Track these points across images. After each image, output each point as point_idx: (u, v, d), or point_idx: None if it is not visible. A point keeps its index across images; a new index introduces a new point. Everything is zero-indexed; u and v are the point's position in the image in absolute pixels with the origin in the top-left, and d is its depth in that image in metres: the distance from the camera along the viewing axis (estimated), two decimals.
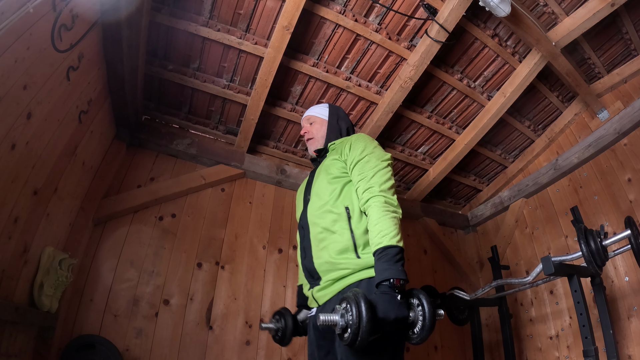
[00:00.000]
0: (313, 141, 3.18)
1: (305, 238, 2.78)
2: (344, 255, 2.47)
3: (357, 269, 2.41)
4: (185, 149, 4.40)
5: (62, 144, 2.88)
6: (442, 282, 5.47)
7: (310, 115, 3.29)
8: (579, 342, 4.14)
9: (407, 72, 3.98)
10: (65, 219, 3.24)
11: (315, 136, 3.18)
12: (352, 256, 2.46)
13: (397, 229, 2.30)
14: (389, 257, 2.20)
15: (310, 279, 2.70)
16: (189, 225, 4.22)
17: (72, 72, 2.73)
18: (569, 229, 4.66)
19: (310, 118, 3.27)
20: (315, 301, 2.65)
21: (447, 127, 4.91)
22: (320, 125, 3.20)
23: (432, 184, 5.45)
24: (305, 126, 3.28)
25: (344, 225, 2.56)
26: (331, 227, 2.58)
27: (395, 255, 2.20)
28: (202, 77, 4.06)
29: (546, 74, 4.46)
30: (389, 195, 2.46)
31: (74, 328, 3.34)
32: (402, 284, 2.12)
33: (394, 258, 2.19)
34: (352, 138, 2.87)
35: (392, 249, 2.22)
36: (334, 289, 2.49)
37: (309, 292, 2.72)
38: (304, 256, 2.76)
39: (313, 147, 3.18)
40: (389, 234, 2.26)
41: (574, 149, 4.70)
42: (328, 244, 2.56)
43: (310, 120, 3.26)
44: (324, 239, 2.60)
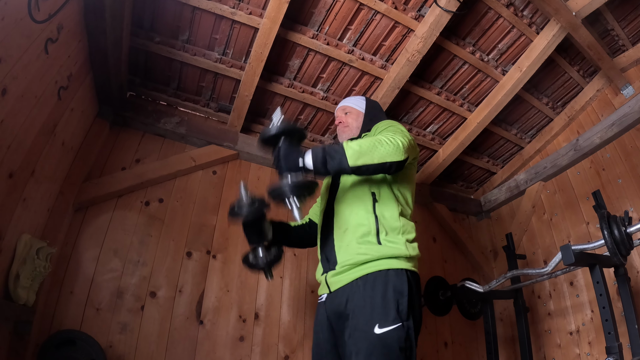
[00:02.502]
0: (347, 129, 3.26)
1: (328, 223, 2.86)
2: (365, 239, 2.56)
3: (377, 257, 2.48)
4: (173, 128, 4.40)
5: (39, 122, 2.88)
6: (453, 273, 5.49)
7: (347, 105, 3.38)
8: (601, 338, 4.11)
9: (414, 45, 3.98)
10: (44, 204, 3.25)
11: (349, 125, 3.26)
12: (373, 240, 2.54)
13: (365, 151, 2.40)
14: (331, 148, 2.41)
15: (325, 264, 2.77)
16: (178, 211, 4.23)
17: (51, 44, 2.73)
18: (590, 215, 4.65)
19: (346, 108, 3.36)
20: (327, 287, 2.72)
21: (458, 104, 4.91)
22: (357, 116, 3.29)
23: (442, 166, 5.46)
24: (340, 116, 3.36)
25: (369, 209, 2.66)
26: (356, 213, 2.68)
27: (335, 151, 2.38)
28: (192, 50, 4.05)
29: (566, 47, 4.44)
30: (398, 138, 2.51)
31: (52, 323, 3.34)
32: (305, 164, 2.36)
33: (332, 150, 2.39)
34: (379, 124, 2.98)
35: (340, 148, 2.40)
36: (350, 276, 2.56)
37: (322, 277, 2.79)
38: (325, 241, 2.84)
39: (346, 135, 3.25)
40: (356, 148, 2.39)
41: (595, 128, 4.69)
42: (350, 227, 2.66)
43: (346, 111, 3.35)
44: (347, 223, 2.69)
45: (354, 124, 3.25)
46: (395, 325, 2.28)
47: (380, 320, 2.30)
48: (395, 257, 2.49)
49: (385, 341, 2.25)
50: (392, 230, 2.58)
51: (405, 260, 2.53)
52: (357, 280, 2.51)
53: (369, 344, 2.27)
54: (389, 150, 2.41)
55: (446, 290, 4.73)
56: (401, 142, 2.47)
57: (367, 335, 2.30)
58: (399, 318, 2.31)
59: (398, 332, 2.28)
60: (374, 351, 2.25)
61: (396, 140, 2.46)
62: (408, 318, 2.36)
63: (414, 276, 2.56)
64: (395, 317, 2.31)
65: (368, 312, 2.36)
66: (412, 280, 2.51)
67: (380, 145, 2.41)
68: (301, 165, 2.34)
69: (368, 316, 2.35)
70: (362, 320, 2.35)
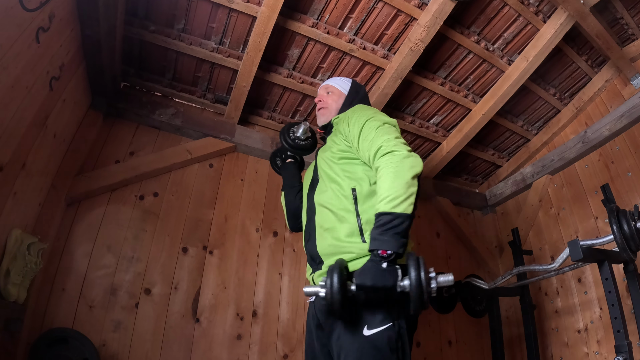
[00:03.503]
0: (325, 111, 3.22)
1: (310, 220, 2.83)
2: (349, 238, 2.51)
3: (362, 254, 2.43)
4: (168, 120, 4.40)
5: (30, 114, 2.87)
6: (457, 269, 5.49)
7: (330, 84, 3.33)
8: (610, 337, 4.12)
9: (417, 34, 3.97)
10: (35, 198, 3.26)
11: (328, 107, 3.22)
12: (357, 240, 2.49)
13: (396, 190, 2.28)
14: (379, 225, 2.23)
15: (312, 264, 2.76)
16: (173, 205, 4.23)
17: (42, 33, 2.73)
18: (599, 209, 4.66)
19: (329, 87, 3.31)
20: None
21: (463, 95, 4.91)
22: (338, 97, 3.24)
23: (446, 159, 5.47)
24: (320, 94, 3.32)
25: (350, 207, 2.60)
26: (337, 210, 2.63)
27: (386, 224, 2.21)
28: (188, 39, 4.05)
29: (573, 36, 4.44)
30: (399, 148, 2.44)
31: (44, 320, 3.34)
32: (389, 254, 2.15)
33: (385, 226, 2.21)
34: (348, 113, 2.91)
35: (385, 216, 2.23)
36: None
37: (310, 277, 2.78)
38: (308, 239, 2.82)
39: (323, 118, 3.23)
40: (386, 197, 2.27)
41: (604, 120, 4.69)
42: (332, 226, 2.61)
43: (328, 90, 3.30)
44: (329, 222, 2.64)
45: (333, 106, 3.20)
46: (384, 325, 2.25)
47: (368, 322, 2.28)
48: None
49: (374, 343, 2.22)
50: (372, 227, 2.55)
51: None
52: None
53: (358, 346, 2.24)
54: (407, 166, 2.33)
55: (450, 287, 4.74)
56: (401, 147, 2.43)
57: (355, 337, 2.28)
58: (389, 317, 2.28)
59: (388, 333, 2.24)
60: (363, 353, 2.22)
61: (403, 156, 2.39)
62: (399, 317, 2.31)
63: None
64: (384, 317, 2.27)
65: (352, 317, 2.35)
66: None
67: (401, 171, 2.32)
68: (400, 284, 2.16)
69: (356, 317, 2.33)
70: (350, 322, 2.33)
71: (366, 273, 2.14)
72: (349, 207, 2.59)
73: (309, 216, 2.86)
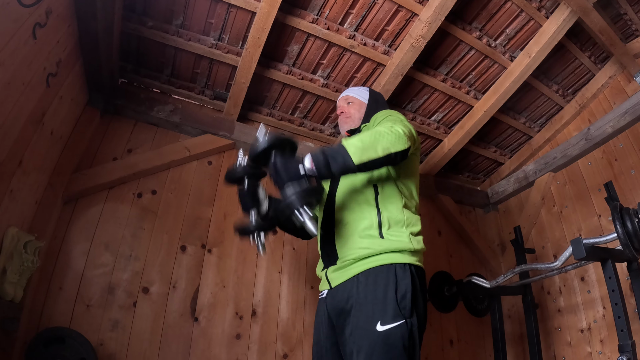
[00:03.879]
0: (349, 120, 3.29)
1: (329, 217, 2.86)
2: (366, 232, 2.57)
3: (379, 251, 2.48)
4: (167, 117, 4.40)
5: (27, 111, 2.87)
6: (459, 268, 5.49)
7: (349, 95, 3.42)
8: (613, 336, 4.13)
9: (418, 30, 3.97)
10: (31, 196, 3.25)
11: (352, 116, 3.29)
12: (375, 234, 2.55)
13: (366, 143, 2.37)
14: (331, 148, 2.37)
15: (326, 259, 2.80)
16: (172, 203, 4.23)
17: (39, 29, 2.72)
18: (602, 207, 4.66)
19: (349, 98, 3.40)
20: (328, 282, 2.74)
21: (464, 91, 4.91)
22: (359, 106, 3.32)
23: (447, 156, 5.47)
24: (342, 106, 3.40)
25: (371, 202, 2.67)
26: (358, 207, 2.69)
27: (336, 151, 2.35)
28: (186, 35, 4.04)
29: (576, 32, 4.43)
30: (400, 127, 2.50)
31: (41, 320, 3.33)
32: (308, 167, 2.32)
33: (332, 151, 2.35)
34: (378, 114, 3.01)
35: (341, 148, 2.36)
36: (351, 271, 2.57)
37: (322, 272, 2.81)
38: (325, 236, 2.84)
39: (347, 126, 3.29)
40: (357, 143, 2.37)
41: (608, 117, 4.68)
42: (351, 220, 2.67)
43: (349, 101, 3.38)
44: (348, 217, 2.70)
45: (356, 115, 3.27)
46: (397, 322, 2.28)
47: (382, 317, 2.30)
48: (399, 251, 2.50)
49: (387, 339, 2.25)
50: (396, 224, 2.58)
51: (409, 255, 2.53)
52: (358, 275, 2.52)
53: (370, 342, 2.27)
54: (392, 140, 2.40)
55: (452, 285, 4.75)
56: (401, 130, 2.47)
57: (368, 332, 2.30)
58: (402, 315, 2.31)
59: (401, 330, 2.28)
60: (375, 349, 2.25)
61: (395, 129, 2.45)
62: (412, 315, 2.35)
63: (418, 271, 2.56)
64: (397, 314, 2.30)
65: (370, 308, 2.36)
66: (416, 275, 2.51)
67: (381, 136, 2.40)
68: (303, 172, 2.31)
69: (370, 313, 2.35)
70: (364, 317, 2.35)
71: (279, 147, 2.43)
72: (370, 203, 2.66)
73: (328, 212, 2.88)
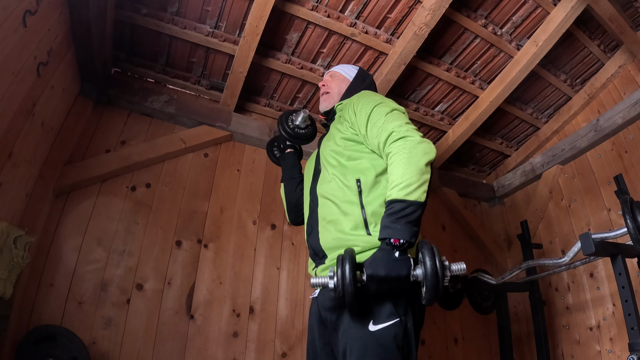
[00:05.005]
0: (327, 97, 3.23)
1: (313, 213, 2.84)
2: (353, 231, 2.51)
3: (367, 247, 2.43)
4: (162, 107, 4.40)
5: (17, 101, 2.87)
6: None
7: (334, 70, 3.37)
8: (624, 334, 4.11)
9: (422, 17, 3.95)
10: (22, 189, 3.26)
11: (331, 91, 3.23)
12: (362, 232, 2.49)
13: (409, 177, 2.27)
14: (391, 213, 2.23)
15: (315, 258, 2.76)
16: (167, 196, 4.24)
17: (30, 16, 2.72)
18: (612, 200, 4.66)
19: (334, 73, 3.34)
20: None
21: (469, 81, 4.91)
22: (341, 82, 3.25)
23: (452, 148, 5.48)
24: (325, 79, 3.34)
25: (354, 199, 2.59)
26: (340, 202, 2.62)
27: (399, 211, 2.21)
28: (181, 22, 4.04)
29: (585, 20, 4.43)
30: (411, 133, 2.43)
31: (31, 317, 3.34)
32: (402, 243, 2.15)
33: (398, 214, 2.20)
34: (353, 99, 2.90)
35: (397, 204, 2.22)
36: None
37: (312, 271, 2.78)
38: (310, 232, 2.82)
39: (325, 104, 3.23)
40: (399, 184, 2.26)
41: (617, 107, 4.67)
42: (336, 219, 2.60)
43: (333, 75, 3.33)
44: (332, 214, 2.64)
45: (335, 89, 3.21)
46: (391, 321, 2.25)
47: (374, 317, 2.28)
48: None
49: (380, 339, 2.22)
50: (378, 220, 2.49)
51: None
52: None
53: (362, 342, 2.25)
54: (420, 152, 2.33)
55: (456, 282, 4.74)
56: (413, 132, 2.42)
57: (360, 332, 2.28)
58: (396, 313, 2.28)
59: (395, 329, 2.24)
60: (368, 350, 2.23)
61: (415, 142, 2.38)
62: (406, 313, 2.32)
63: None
64: (391, 313, 2.27)
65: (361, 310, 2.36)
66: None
67: (414, 158, 2.31)
68: (413, 273, 2.16)
69: (362, 312, 2.33)
70: (356, 317, 2.33)
71: (378, 262, 2.14)
72: (353, 199, 2.58)
73: (312, 208, 2.86)
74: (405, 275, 2.12)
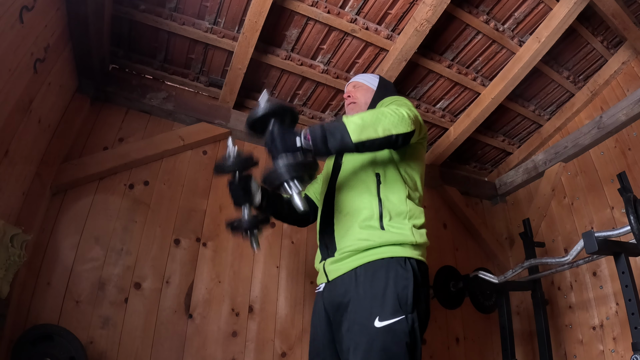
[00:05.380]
0: (355, 106, 3.30)
1: (329, 207, 2.87)
2: (366, 223, 2.55)
3: (379, 244, 2.47)
4: (160, 104, 4.39)
5: (14, 98, 2.87)
6: (465, 262, 5.49)
7: (357, 81, 3.44)
8: (627, 333, 4.11)
9: (423, 13, 3.95)
10: (18, 187, 3.25)
11: (358, 101, 3.30)
12: (375, 225, 2.53)
13: (367, 122, 2.35)
14: (330, 124, 2.35)
15: (324, 251, 2.79)
16: (165, 194, 4.23)
17: (26, 12, 2.72)
18: (615, 198, 4.65)
19: (357, 84, 3.40)
20: (325, 275, 2.73)
21: (471, 78, 4.90)
22: (366, 91, 3.34)
23: (453, 145, 5.47)
24: (349, 90, 3.40)
25: (372, 191, 2.65)
26: (358, 196, 2.68)
27: (335, 127, 2.32)
28: (180, 18, 4.03)
29: (588, 16, 4.42)
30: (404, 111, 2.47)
31: (28, 316, 3.33)
32: (306, 141, 2.27)
33: (332, 127, 2.32)
34: (384, 100, 2.99)
35: (340, 124, 2.33)
36: (349, 264, 2.55)
37: (320, 264, 2.79)
38: (324, 224, 2.85)
39: (352, 113, 3.20)
40: (357, 121, 2.35)
41: (621, 104, 4.66)
42: (352, 211, 2.66)
43: (356, 86, 3.39)
44: (348, 207, 2.69)
45: (361, 100, 3.28)
46: (397, 318, 2.27)
47: (380, 313, 2.29)
48: (400, 244, 2.48)
49: (386, 336, 2.24)
50: (397, 215, 2.56)
51: (411, 248, 2.52)
52: (357, 268, 2.50)
53: (368, 339, 2.26)
54: (394, 121, 2.38)
55: (458, 281, 4.75)
56: (405, 113, 2.45)
57: (366, 329, 2.29)
58: (402, 310, 2.29)
59: (401, 326, 2.26)
60: (373, 346, 2.24)
61: (400, 111, 2.43)
62: (412, 310, 2.33)
63: (420, 266, 2.54)
64: (397, 310, 2.29)
65: (368, 303, 2.35)
66: (417, 270, 2.49)
67: (384, 116, 2.38)
68: (299, 145, 2.27)
69: (368, 308, 2.33)
70: (362, 313, 2.34)
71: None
72: (372, 192, 2.64)
73: (328, 201, 2.89)
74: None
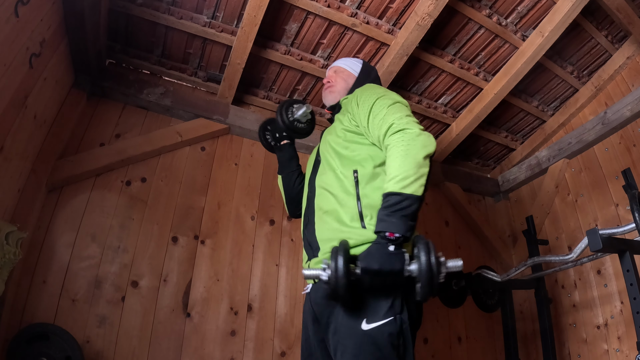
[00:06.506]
0: (332, 91, 3.25)
1: (310, 204, 2.85)
2: (349, 223, 2.51)
3: (362, 241, 2.43)
4: (157, 100, 4.40)
5: (9, 93, 2.87)
6: (468, 260, 5.44)
7: (339, 65, 3.39)
8: (632, 332, 4.11)
9: (424, 7, 3.95)
10: (13, 184, 3.25)
11: (336, 87, 3.25)
12: (356, 225, 2.49)
13: (406, 170, 2.29)
14: (386, 206, 2.24)
15: (309, 251, 2.76)
16: (162, 191, 4.24)
17: (22, 7, 2.72)
18: (620, 195, 4.64)
19: (338, 69, 3.36)
20: None
21: (473, 73, 4.90)
22: (347, 77, 3.28)
23: (456, 141, 5.48)
24: (329, 75, 3.36)
25: (350, 190, 2.60)
26: (337, 192, 2.64)
27: (394, 204, 2.22)
28: (178, 12, 4.03)
29: (592, 10, 4.42)
30: (411, 126, 2.44)
31: (23, 315, 3.34)
32: (397, 237, 2.15)
33: (393, 207, 2.21)
34: (357, 93, 2.92)
35: (393, 197, 2.23)
36: None
37: (305, 265, 2.78)
38: (306, 223, 2.84)
39: (331, 97, 3.24)
40: (396, 177, 2.28)
41: (626, 100, 4.66)
42: (332, 209, 2.62)
43: (337, 70, 3.34)
44: (328, 204, 2.66)
45: (342, 85, 3.23)
46: (386, 319, 2.23)
47: (368, 315, 2.26)
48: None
49: (374, 338, 2.20)
50: (374, 213, 2.48)
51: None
52: None
53: (355, 341, 2.23)
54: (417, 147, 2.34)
55: (460, 279, 4.75)
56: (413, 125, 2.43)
57: (353, 331, 2.26)
58: (391, 311, 2.26)
59: (389, 327, 2.22)
60: (362, 350, 2.21)
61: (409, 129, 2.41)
62: (402, 311, 2.29)
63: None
64: (386, 311, 2.25)
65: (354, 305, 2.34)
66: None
67: (407, 152, 2.32)
68: (404, 263, 2.15)
69: (354, 310, 2.31)
70: (348, 315, 2.32)
71: (372, 256, 2.14)
72: (350, 190, 2.59)
73: (309, 199, 2.88)
74: (398, 270, 2.11)
